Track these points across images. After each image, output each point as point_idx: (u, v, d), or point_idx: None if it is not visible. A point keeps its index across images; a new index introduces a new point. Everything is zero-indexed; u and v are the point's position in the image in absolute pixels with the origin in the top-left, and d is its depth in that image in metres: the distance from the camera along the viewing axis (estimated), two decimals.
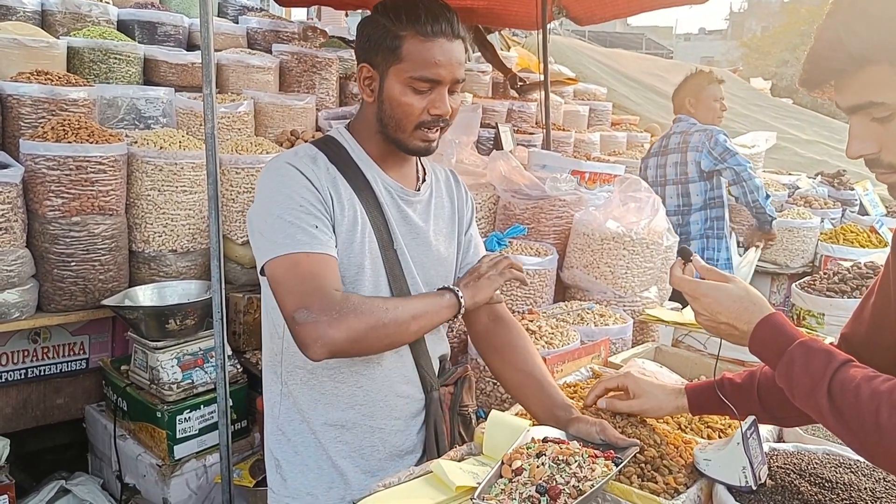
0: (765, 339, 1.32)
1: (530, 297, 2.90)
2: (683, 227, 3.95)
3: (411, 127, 1.57)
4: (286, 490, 1.71)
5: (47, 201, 2.78)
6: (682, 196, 3.96)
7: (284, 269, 1.48)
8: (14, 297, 2.71)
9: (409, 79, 1.53)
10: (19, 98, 3.00)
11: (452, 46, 1.55)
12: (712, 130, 3.85)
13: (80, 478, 3.04)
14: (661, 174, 4.06)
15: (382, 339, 1.52)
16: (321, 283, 1.46)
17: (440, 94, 1.55)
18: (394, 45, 1.53)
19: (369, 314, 1.47)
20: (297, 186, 1.53)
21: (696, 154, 3.86)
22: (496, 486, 1.34)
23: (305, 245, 1.48)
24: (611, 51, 10.07)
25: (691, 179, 3.92)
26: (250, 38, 4.71)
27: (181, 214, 3.07)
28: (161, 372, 2.75)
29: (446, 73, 1.54)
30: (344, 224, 1.57)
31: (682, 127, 4.02)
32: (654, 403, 1.67)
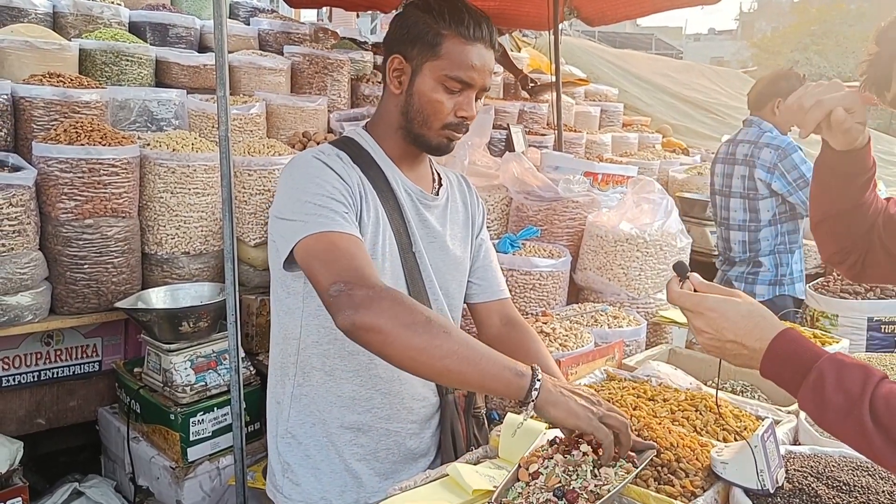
0: (783, 356, 1.19)
1: (544, 298, 2.89)
2: (753, 243, 3.62)
3: (438, 125, 1.58)
4: (298, 494, 1.70)
5: (60, 204, 2.79)
6: (750, 212, 3.59)
7: (321, 247, 1.42)
8: (27, 299, 2.72)
9: (443, 76, 1.54)
10: (32, 100, 3.01)
11: (488, 54, 1.58)
12: (786, 148, 3.43)
13: (94, 480, 3.05)
14: (726, 184, 3.70)
15: (405, 350, 1.32)
16: (360, 263, 1.40)
17: (469, 97, 1.57)
18: (434, 42, 1.54)
19: (407, 314, 1.32)
20: (326, 177, 1.52)
21: (767, 174, 3.46)
22: (513, 490, 1.33)
23: (338, 225, 1.45)
24: (621, 51, 10.06)
25: (760, 196, 3.53)
26: (262, 39, 4.72)
27: (194, 216, 3.08)
28: (174, 374, 2.75)
29: (479, 77, 1.56)
30: (369, 224, 1.57)
31: (753, 134, 3.60)
32: None
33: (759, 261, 3.60)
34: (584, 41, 10.20)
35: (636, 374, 2.22)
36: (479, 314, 1.88)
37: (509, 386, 1.30)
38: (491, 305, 1.87)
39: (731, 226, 3.67)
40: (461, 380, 1.34)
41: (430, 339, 1.30)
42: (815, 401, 1.15)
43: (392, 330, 1.31)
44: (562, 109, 4.87)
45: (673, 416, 1.90)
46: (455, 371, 1.31)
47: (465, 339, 1.34)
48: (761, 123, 3.60)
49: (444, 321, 1.36)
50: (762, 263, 3.58)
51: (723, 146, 3.83)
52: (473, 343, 1.35)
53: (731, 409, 1.97)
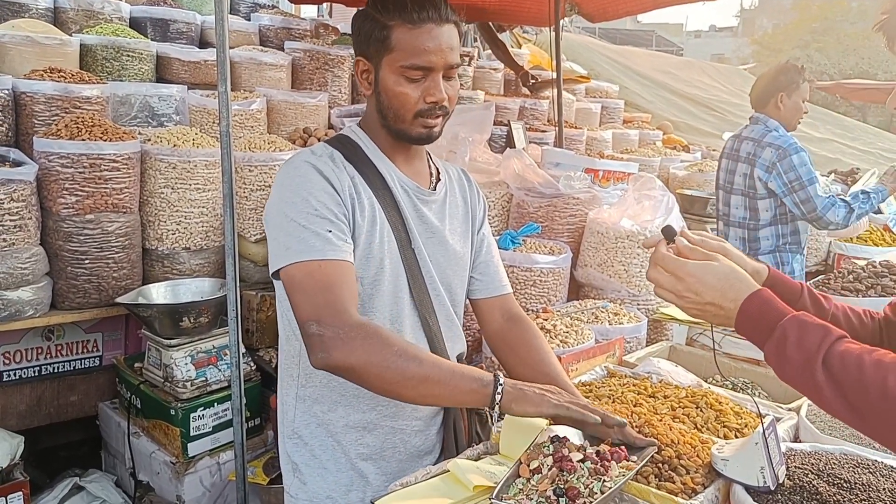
0: (753, 314, 1.26)
1: (544, 295, 2.89)
2: (752, 241, 3.61)
3: (410, 116, 1.56)
4: (305, 493, 1.70)
5: (61, 199, 2.79)
6: (750, 210, 3.57)
7: (300, 278, 1.46)
8: (28, 294, 2.72)
9: (400, 68, 1.52)
10: (33, 95, 3.01)
11: (442, 31, 1.53)
12: (787, 149, 3.40)
13: (94, 475, 3.06)
14: (728, 181, 3.68)
15: (380, 382, 1.41)
16: (336, 296, 1.43)
17: (434, 80, 1.54)
18: (383, 36, 1.53)
19: (378, 355, 1.39)
20: (313, 188, 1.52)
21: (765, 174, 3.45)
22: (514, 486, 1.33)
23: (318, 252, 1.46)
24: (622, 48, 10.04)
25: (759, 195, 3.52)
26: (262, 35, 4.71)
27: (194, 212, 3.08)
28: (175, 370, 2.75)
29: (437, 58, 1.52)
30: (364, 223, 1.56)
31: (758, 132, 3.56)
32: None
33: (759, 259, 3.57)
34: (585, 38, 10.19)
35: (637, 370, 2.22)
36: (481, 310, 1.87)
37: (477, 396, 1.41)
38: (493, 301, 1.86)
39: (731, 222, 3.66)
40: (436, 401, 1.48)
41: (403, 370, 1.39)
42: (778, 356, 1.22)
43: (364, 368, 1.39)
44: (563, 106, 4.85)
45: (674, 413, 1.91)
46: (429, 395, 1.43)
47: (434, 361, 1.43)
48: (767, 121, 3.57)
49: (414, 349, 1.44)
50: (761, 262, 3.56)
51: (729, 141, 3.80)
52: (442, 364, 1.44)
53: (732, 407, 1.97)
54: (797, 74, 3.59)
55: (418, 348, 1.47)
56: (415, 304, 1.64)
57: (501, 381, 1.41)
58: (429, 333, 1.66)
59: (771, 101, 3.58)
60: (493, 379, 1.41)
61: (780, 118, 3.57)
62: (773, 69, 3.72)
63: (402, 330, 1.63)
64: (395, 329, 1.62)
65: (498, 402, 1.39)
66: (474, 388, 1.40)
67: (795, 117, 3.61)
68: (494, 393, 1.39)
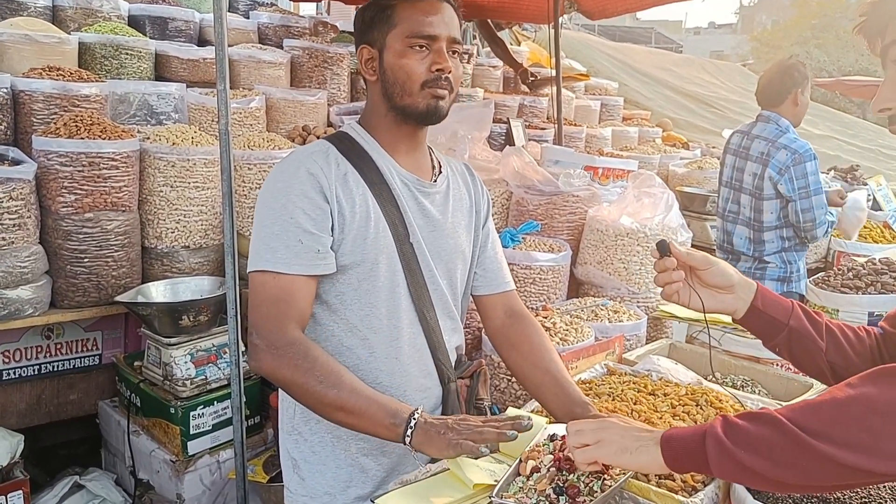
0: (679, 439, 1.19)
1: (544, 293, 2.89)
2: (757, 243, 3.56)
3: (417, 87, 1.57)
4: (304, 490, 1.70)
5: (60, 197, 2.79)
6: (755, 211, 3.53)
7: (255, 286, 1.55)
8: (27, 293, 2.72)
9: (406, 39, 1.56)
10: (31, 94, 3.00)
11: (443, 6, 1.59)
12: (802, 154, 3.35)
13: (94, 473, 3.06)
14: (737, 178, 3.62)
15: (302, 401, 1.50)
16: (279, 311, 1.50)
17: (438, 49, 1.57)
18: (387, 15, 1.58)
19: (301, 376, 1.45)
20: (296, 194, 1.53)
21: (777, 175, 3.38)
22: (514, 485, 1.33)
23: (283, 263, 1.51)
24: (622, 45, 10.04)
25: (766, 196, 3.47)
26: (261, 33, 4.71)
27: (194, 210, 3.08)
28: (174, 368, 2.75)
29: (441, 28, 1.57)
30: (355, 221, 1.56)
31: (771, 132, 3.48)
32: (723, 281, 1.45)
33: (765, 259, 3.56)
34: (584, 35, 10.18)
35: (636, 368, 2.22)
36: (484, 306, 1.87)
37: (390, 432, 1.42)
38: (496, 298, 1.86)
39: (740, 220, 3.61)
40: (352, 428, 1.48)
41: (321, 396, 1.44)
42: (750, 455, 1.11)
43: (286, 386, 1.50)
44: (562, 103, 4.85)
45: (674, 410, 1.91)
46: (345, 422, 1.47)
47: (353, 389, 1.45)
48: (779, 120, 3.50)
49: (337, 376, 1.46)
50: (768, 261, 3.55)
51: (735, 136, 3.71)
52: (361, 393, 1.45)
53: (732, 404, 1.97)
54: (806, 70, 3.54)
55: (342, 373, 1.48)
56: (412, 299, 1.64)
57: (415, 419, 1.40)
58: (426, 328, 1.66)
59: (788, 98, 3.51)
60: (407, 417, 1.41)
61: (794, 115, 3.51)
62: (782, 66, 3.64)
63: (400, 324, 1.63)
64: (392, 324, 1.63)
65: (409, 441, 1.40)
66: (388, 424, 1.42)
67: (802, 113, 3.58)
68: (405, 434, 1.40)
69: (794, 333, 1.45)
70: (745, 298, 1.46)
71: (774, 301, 1.47)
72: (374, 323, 1.62)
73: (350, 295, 1.60)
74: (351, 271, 1.58)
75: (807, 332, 1.44)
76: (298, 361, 1.45)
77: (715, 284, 1.46)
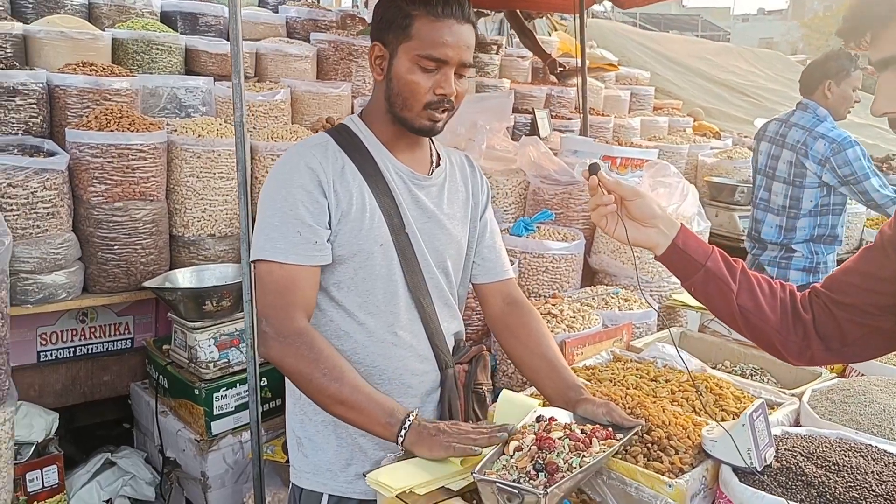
0: None
1: (556, 281, 2.93)
2: (789, 230, 3.53)
3: (419, 106, 1.61)
4: (307, 466, 1.78)
5: (91, 187, 2.91)
6: (792, 199, 3.48)
7: (261, 275, 1.61)
8: (61, 278, 2.85)
9: (416, 56, 1.58)
10: (66, 88, 3.13)
11: (462, 29, 1.60)
12: (841, 143, 3.32)
13: (125, 451, 3.20)
14: (771, 166, 3.57)
15: (305, 390, 1.57)
16: (285, 300, 1.57)
17: (446, 74, 1.59)
18: (405, 24, 1.59)
19: (306, 367, 1.53)
20: (295, 187, 1.60)
21: (818, 167, 3.36)
22: (498, 462, 1.38)
23: (281, 253, 1.57)
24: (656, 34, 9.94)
25: (807, 185, 3.42)
26: (289, 27, 4.81)
27: (219, 200, 3.18)
28: (199, 351, 2.86)
29: (453, 53, 1.58)
30: (351, 212, 1.63)
31: (808, 121, 3.45)
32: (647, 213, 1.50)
33: (792, 248, 3.53)
34: (617, 24, 10.10)
35: (642, 355, 2.25)
36: (483, 294, 1.93)
37: (386, 431, 1.49)
38: (494, 286, 1.91)
39: (770, 209, 3.58)
40: (350, 423, 1.56)
41: (323, 388, 1.52)
42: None
43: (291, 375, 1.58)
44: (587, 93, 4.85)
45: (673, 396, 1.94)
46: (343, 416, 1.54)
47: (355, 386, 1.52)
48: (817, 109, 3.47)
49: (340, 371, 1.53)
50: (795, 250, 3.52)
51: (772, 123, 3.68)
52: (362, 390, 1.52)
53: (733, 391, 2.00)
54: (848, 62, 3.48)
55: (345, 369, 1.55)
56: (408, 287, 1.70)
57: (410, 420, 1.48)
58: (423, 314, 1.72)
59: (819, 88, 3.49)
60: (403, 417, 1.48)
61: (828, 106, 3.48)
62: (824, 55, 3.62)
63: (398, 311, 1.69)
64: (389, 311, 1.69)
65: (401, 441, 1.47)
66: (384, 423, 1.49)
67: (844, 106, 3.52)
68: (399, 433, 1.47)
69: (710, 274, 1.49)
70: (668, 234, 1.50)
71: (695, 242, 1.51)
72: (371, 309, 1.68)
73: (347, 283, 1.67)
74: (348, 260, 1.65)
75: (721, 274, 1.48)
76: (304, 352, 1.53)
77: (641, 217, 1.50)
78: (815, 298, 1.51)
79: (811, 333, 1.49)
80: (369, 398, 1.52)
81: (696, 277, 1.50)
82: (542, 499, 1.25)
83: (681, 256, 1.50)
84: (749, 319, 1.50)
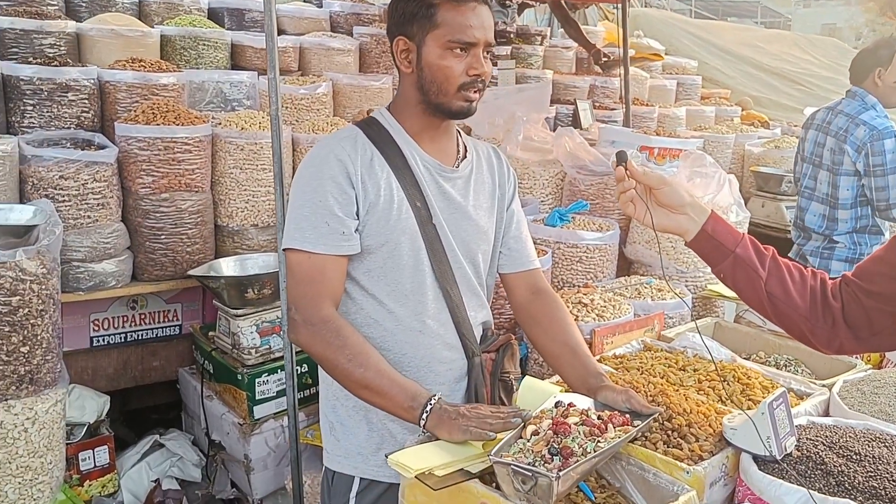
0: None
1: (590, 271, 2.94)
2: (831, 220, 3.49)
3: (454, 89, 1.66)
4: (339, 450, 1.83)
5: (139, 179, 3.03)
6: (833, 186, 3.45)
7: (291, 264, 1.67)
8: (111, 266, 2.98)
9: (447, 42, 1.63)
10: (115, 84, 3.26)
11: (482, 10, 1.67)
12: (882, 131, 3.28)
13: (173, 433, 3.31)
14: (817, 154, 3.54)
15: (332, 375, 1.65)
16: (314, 289, 1.63)
17: (476, 55, 1.65)
18: (429, 14, 1.64)
19: (333, 353, 1.59)
20: (324, 178, 1.65)
21: (855, 154, 3.33)
22: (515, 446, 1.42)
23: (310, 243, 1.63)
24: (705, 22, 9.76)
25: (843, 172, 3.39)
26: (333, 21, 4.89)
27: (261, 191, 3.27)
28: (241, 337, 2.95)
29: (480, 35, 1.64)
30: (379, 203, 1.67)
31: (853, 108, 3.42)
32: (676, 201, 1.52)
33: (835, 238, 3.47)
34: (667, 13, 9.94)
35: (672, 345, 2.26)
36: (508, 283, 1.96)
37: (409, 414, 1.54)
38: (519, 276, 1.94)
39: (816, 196, 3.54)
40: (374, 405, 1.61)
41: (349, 373, 1.58)
42: None
43: (318, 360, 1.65)
44: (631, 83, 4.82)
45: (699, 385, 1.95)
46: (369, 400, 1.60)
47: (379, 370, 1.58)
48: (865, 96, 3.42)
49: (365, 356, 1.59)
50: (837, 241, 3.47)
51: (821, 112, 3.64)
52: (385, 374, 1.58)
53: (762, 381, 2.00)
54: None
55: (370, 354, 1.61)
56: (436, 276, 1.74)
57: (431, 404, 1.52)
58: (450, 304, 1.76)
59: (869, 76, 3.43)
60: (425, 401, 1.53)
61: (878, 94, 3.43)
62: (875, 42, 3.58)
63: (425, 300, 1.74)
64: (417, 299, 1.73)
65: (423, 424, 1.52)
66: (407, 406, 1.54)
67: (895, 94, 3.44)
68: (421, 416, 1.52)
69: (739, 261, 1.50)
70: (698, 221, 1.51)
71: (725, 228, 1.52)
72: (399, 298, 1.73)
73: (377, 272, 1.72)
74: (377, 251, 1.70)
75: (750, 261, 1.49)
76: (330, 339, 1.59)
77: (669, 204, 1.51)
78: (845, 287, 1.51)
79: (840, 322, 1.49)
80: (393, 382, 1.57)
81: (725, 264, 1.51)
82: (555, 482, 1.28)
83: (710, 242, 1.51)
84: (777, 306, 1.51)
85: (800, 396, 1.96)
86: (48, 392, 2.30)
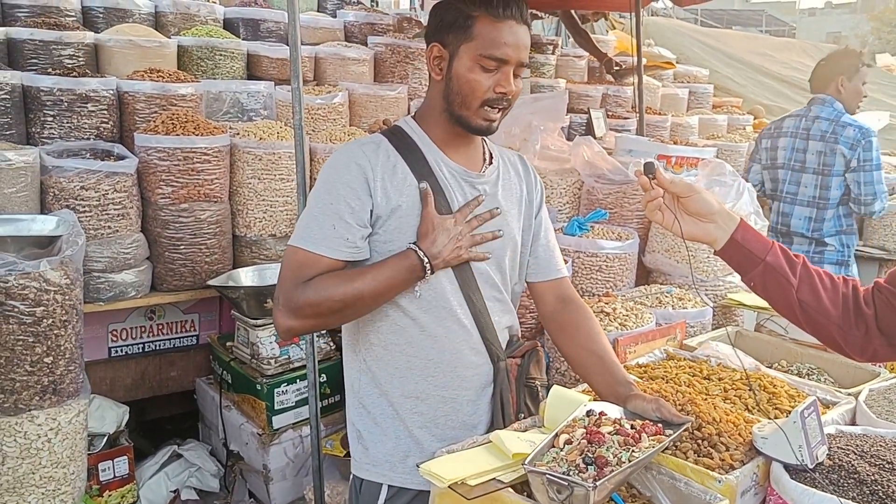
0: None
1: (610, 280, 2.93)
2: (818, 221, 3.61)
3: (477, 104, 1.66)
4: (367, 458, 1.83)
5: (158, 189, 3.04)
6: (821, 188, 3.58)
7: (286, 258, 1.67)
8: (131, 276, 2.99)
9: (478, 56, 1.63)
10: (134, 94, 3.28)
11: (520, 30, 1.65)
12: (868, 130, 3.50)
13: (191, 444, 3.32)
14: (798, 159, 3.65)
15: (340, 319, 1.66)
16: (299, 275, 1.62)
17: (506, 73, 1.64)
18: (466, 25, 1.64)
19: (321, 301, 1.59)
20: (341, 182, 1.65)
21: (850, 151, 3.47)
22: (548, 455, 1.41)
23: (312, 243, 1.63)
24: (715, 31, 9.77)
25: (835, 173, 3.53)
26: (347, 31, 4.91)
27: (279, 201, 3.28)
28: (260, 347, 2.95)
29: (513, 53, 1.63)
30: (401, 210, 1.67)
31: (830, 114, 3.58)
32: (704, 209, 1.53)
33: (824, 241, 3.60)
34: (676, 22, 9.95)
35: (696, 354, 2.25)
36: (536, 292, 1.95)
37: (412, 274, 1.63)
38: (547, 284, 1.93)
39: (800, 200, 3.65)
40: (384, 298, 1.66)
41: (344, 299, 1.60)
42: None
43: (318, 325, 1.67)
44: (644, 92, 4.82)
45: (726, 394, 1.94)
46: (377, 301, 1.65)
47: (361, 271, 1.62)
48: (833, 103, 3.62)
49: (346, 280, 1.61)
50: (827, 243, 3.60)
51: (791, 121, 3.79)
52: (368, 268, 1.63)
53: (787, 390, 1.98)
54: (857, 59, 3.69)
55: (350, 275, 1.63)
56: (458, 282, 1.74)
57: (422, 256, 1.62)
58: (473, 310, 1.76)
59: (832, 85, 3.64)
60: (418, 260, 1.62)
61: (841, 101, 3.63)
62: (836, 52, 3.82)
63: (449, 305, 1.73)
64: (440, 305, 1.72)
65: (428, 269, 1.62)
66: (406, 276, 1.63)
67: (855, 101, 3.68)
68: (423, 265, 1.61)
69: (769, 269, 1.49)
70: (727, 229, 1.51)
71: (755, 236, 1.51)
72: (422, 304, 1.72)
73: None
74: None
75: (781, 269, 1.48)
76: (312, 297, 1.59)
77: (697, 212, 1.51)
78: (878, 293, 1.50)
79: (873, 329, 1.48)
80: (378, 267, 1.63)
81: (755, 272, 1.50)
82: (591, 492, 1.27)
83: (740, 251, 1.50)
84: (809, 314, 1.50)
85: (825, 405, 1.95)
86: (71, 402, 2.31)
